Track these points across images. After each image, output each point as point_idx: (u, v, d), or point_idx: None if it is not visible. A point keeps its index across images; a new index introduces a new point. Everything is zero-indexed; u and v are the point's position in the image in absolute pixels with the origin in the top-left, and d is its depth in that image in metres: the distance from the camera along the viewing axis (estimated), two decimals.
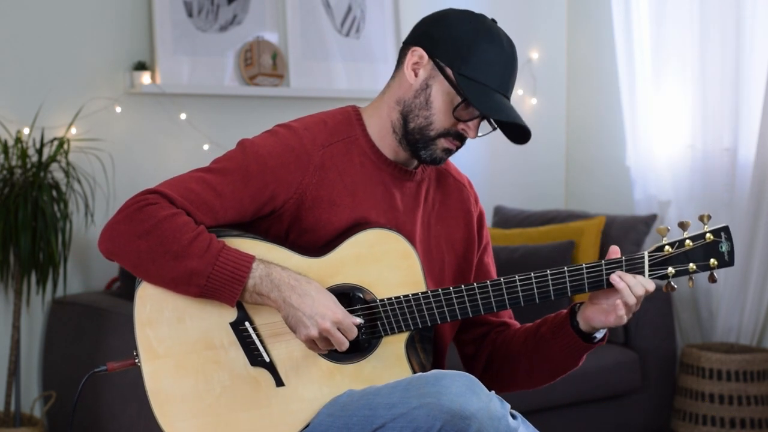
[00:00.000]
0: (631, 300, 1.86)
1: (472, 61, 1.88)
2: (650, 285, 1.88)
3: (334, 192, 1.93)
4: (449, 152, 1.96)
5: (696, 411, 4.03)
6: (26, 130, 3.62)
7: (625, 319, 1.88)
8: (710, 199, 4.32)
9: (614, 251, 1.91)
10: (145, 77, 3.83)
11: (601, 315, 1.91)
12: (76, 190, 3.64)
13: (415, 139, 1.94)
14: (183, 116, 3.98)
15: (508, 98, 1.93)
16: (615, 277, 1.87)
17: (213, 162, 1.93)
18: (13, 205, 3.43)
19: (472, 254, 2.09)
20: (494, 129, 1.95)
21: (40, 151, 3.54)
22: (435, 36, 1.92)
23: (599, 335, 1.97)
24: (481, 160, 4.75)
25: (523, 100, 4.83)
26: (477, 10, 1.98)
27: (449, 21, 1.93)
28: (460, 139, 1.94)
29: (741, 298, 4.20)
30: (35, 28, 3.71)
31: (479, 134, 1.94)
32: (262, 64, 4.10)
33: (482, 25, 1.92)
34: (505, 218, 4.56)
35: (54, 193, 3.52)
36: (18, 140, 3.54)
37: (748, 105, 4.19)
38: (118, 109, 3.85)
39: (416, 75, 1.93)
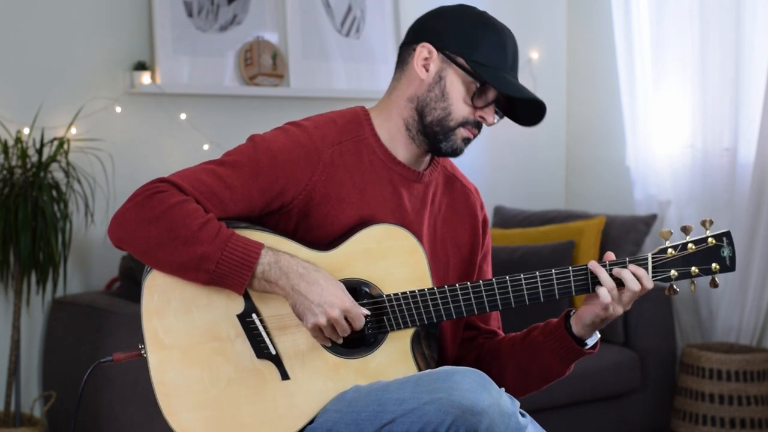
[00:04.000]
0: (636, 287, 1.88)
1: (481, 47, 1.92)
2: (648, 282, 1.89)
3: (343, 189, 1.94)
4: (468, 141, 1.98)
5: (696, 411, 4.03)
6: (26, 130, 3.62)
7: (611, 310, 1.89)
8: (710, 199, 4.32)
9: (610, 256, 1.93)
10: (145, 77, 3.83)
11: (594, 307, 1.91)
12: (76, 190, 3.64)
13: (434, 131, 1.96)
14: (183, 116, 3.98)
15: (517, 79, 1.97)
16: (624, 272, 1.89)
17: (224, 155, 1.94)
18: (13, 205, 3.43)
19: (476, 257, 2.10)
20: (503, 116, 1.98)
21: (40, 151, 3.53)
22: (439, 30, 1.95)
23: (590, 342, 1.98)
24: (481, 159, 4.75)
25: None
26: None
27: (449, 14, 1.97)
28: (478, 127, 1.97)
29: (741, 298, 4.20)
30: (35, 28, 3.71)
31: (495, 121, 1.98)
32: (262, 64, 4.10)
33: (480, 14, 1.97)
34: (505, 218, 4.56)
35: (54, 193, 3.52)
36: (18, 140, 3.53)
37: (748, 105, 4.19)
38: (118, 109, 3.85)
39: (427, 70, 1.95)
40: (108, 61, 3.84)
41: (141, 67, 3.84)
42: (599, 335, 1.99)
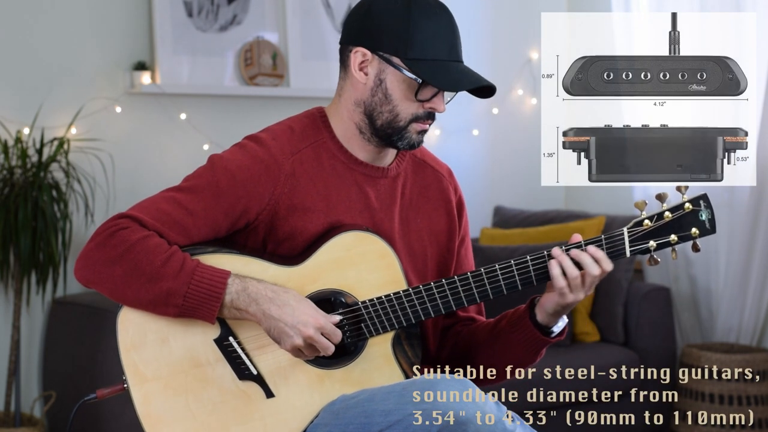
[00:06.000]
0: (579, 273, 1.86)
1: (414, 41, 1.86)
2: (608, 265, 1.86)
3: (308, 198, 1.92)
4: (423, 133, 1.95)
5: (696, 411, 4.03)
6: (26, 130, 3.63)
7: (570, 298, 1.87)
8: (709, 198, 4.31)
9: (577, 237, 1.89)
10: (145, 77, 3.84)
11: (553, 295, 1.89)
12: (76, 190, 3.64)
13: (387, 133, 1.93)
14: (183, 116, 3.98)
15: (462, 62, 1.91)
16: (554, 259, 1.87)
17: (184, 180, 1.93)
18: (13, 205, 3.43)
19: (454, 243, 2.08)
20: (456, 93, 1.93)
21: (40, 151, 3.54)
22: (370, 29, 1.90)
23: (557, 329, 1.96)
24: (481, 160, 4.75)
25: (523, 100, 4.83)
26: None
27: (378, 9, 1.90)
28: (431, 117, 1.93)
29: (741, 298, 4.19)
30: (35, 28, 3.71)
31: (446, 106, 1.94)
32: (262, 64, 4.10)
33: (410, 1, 1.89)
34: (505, 218, 4.56)
35: (54, 193, 3.52)
36: (18, 140, 3.54)
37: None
38: (118, 109, 3.86)
39: (366, 74, 1.92)
40: (108, 61, 3.84)
41: (141, 67, 3.85)
42: (566, 320, 1.96)
